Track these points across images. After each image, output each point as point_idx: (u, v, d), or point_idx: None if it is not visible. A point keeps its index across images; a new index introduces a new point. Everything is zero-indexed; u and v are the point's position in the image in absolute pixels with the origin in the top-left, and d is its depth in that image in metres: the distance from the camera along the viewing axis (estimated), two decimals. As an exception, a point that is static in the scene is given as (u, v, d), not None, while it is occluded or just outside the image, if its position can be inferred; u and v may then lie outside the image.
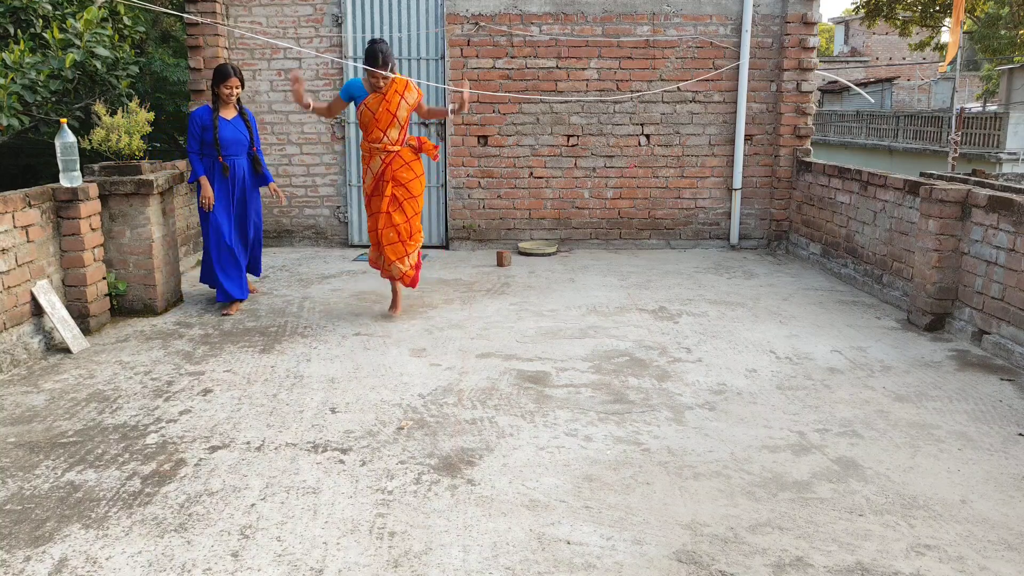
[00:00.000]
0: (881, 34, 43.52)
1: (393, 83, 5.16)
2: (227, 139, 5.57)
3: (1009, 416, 3.85)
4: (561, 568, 2.58)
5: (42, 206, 4.82)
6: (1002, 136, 22.45)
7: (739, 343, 4.99)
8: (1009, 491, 3.12)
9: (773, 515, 2.92)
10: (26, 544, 2.71)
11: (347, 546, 2.70)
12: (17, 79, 6.50)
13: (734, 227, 8.16)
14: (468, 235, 8.15)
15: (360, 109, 5.20)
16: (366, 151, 5.29)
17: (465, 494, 3.06)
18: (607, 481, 3.17)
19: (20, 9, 7.14)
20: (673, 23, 7.82)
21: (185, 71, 8.36)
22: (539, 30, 7.81)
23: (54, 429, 3.65)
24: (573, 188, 8.09)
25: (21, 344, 4.57)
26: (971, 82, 39.46)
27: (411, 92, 5.24)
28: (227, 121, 5.59)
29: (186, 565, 2.59)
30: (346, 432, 3.62)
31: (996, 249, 4.78)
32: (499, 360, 4.65)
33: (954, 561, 2.64)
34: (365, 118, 5.19)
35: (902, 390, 4.19)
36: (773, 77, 7.96)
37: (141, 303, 5.53)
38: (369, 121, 5.18)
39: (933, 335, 5.18)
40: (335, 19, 7.80)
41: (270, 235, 8.21)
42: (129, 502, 2.99)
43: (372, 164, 5.29)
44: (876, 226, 6.32)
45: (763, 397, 4.09)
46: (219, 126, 5.53)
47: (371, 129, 5.19)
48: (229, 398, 4.05)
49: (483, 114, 7.93)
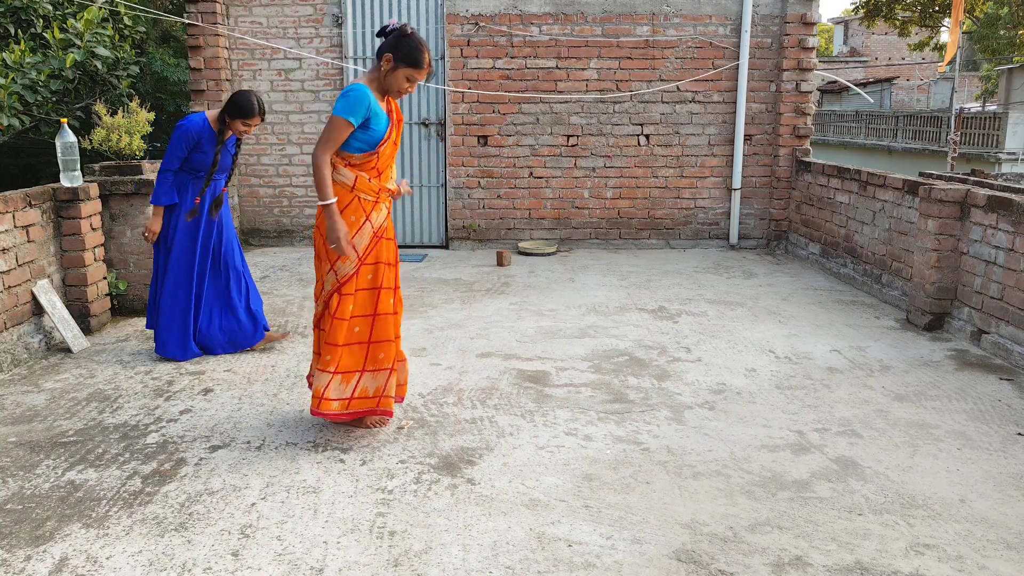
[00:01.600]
0: (880, 34, 43.53)
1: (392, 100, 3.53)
2: (224, 165, 4.61)
3: (1008, 415, 3.86)
4: (561, 567, 2.58)
5: (43, 206, 4.82)
6: (1001, 136, 22.45)
7: (738, 343, 5.00)
8: (1008, 490, 3.12)
9: (772, 514, 2.92)
10: (27, 543, 2.71)
11: (347, 545, 2.71)
12: (18, 79, 6.51)
13: (733, 227, 8.17)
14: (468, 235, 8.16)
15: (384, 137, 3.39)
16: (369, 200, 3.42)
17: (465, 493, 3.07)
18: (607, 480, 3.17)
19: (21, 9, 7.15)
20: (672, 23, 7.83)
21: (185, 71, 8.37)
22: (539, 30, 7.82)
23: (55, 428, 3.66)
24: (573, 188, 8.09)
25: (22, 344, 4.57)
26: (970, 82, 39.47)
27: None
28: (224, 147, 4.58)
29: (186, 564, 2.59)
30: (346, 431, 3.63)
31: (995, 249, 4.79)
32: (499, 360, 4.65)
33: (953, 560, 2.65)
34: (387, 152, 3.42)
35: (901, 390, 4.20)
36: (772, 77, 7.96)
37: (142, 303, 5.53)
38: (390, 155, 3.46)
39: (932, 335, 5.18)
40: (335, 19, 7.81)
41: (270, 235, 8.22)
42: (130, 501, 2.99)
43: (376, 217, 3.45)
44: (875, 226, 6.33)
45: (762, 397, 4.10)
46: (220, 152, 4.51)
47: (388, 166, 3.49)
48: (229, 397, 4.05)
49: (483, 114, 7.94)
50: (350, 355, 3.46)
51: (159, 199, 4.47)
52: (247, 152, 8.05)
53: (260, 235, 8.23)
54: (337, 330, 3.42)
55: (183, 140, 4.40)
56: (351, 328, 3.46)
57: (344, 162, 3.37)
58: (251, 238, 8.24)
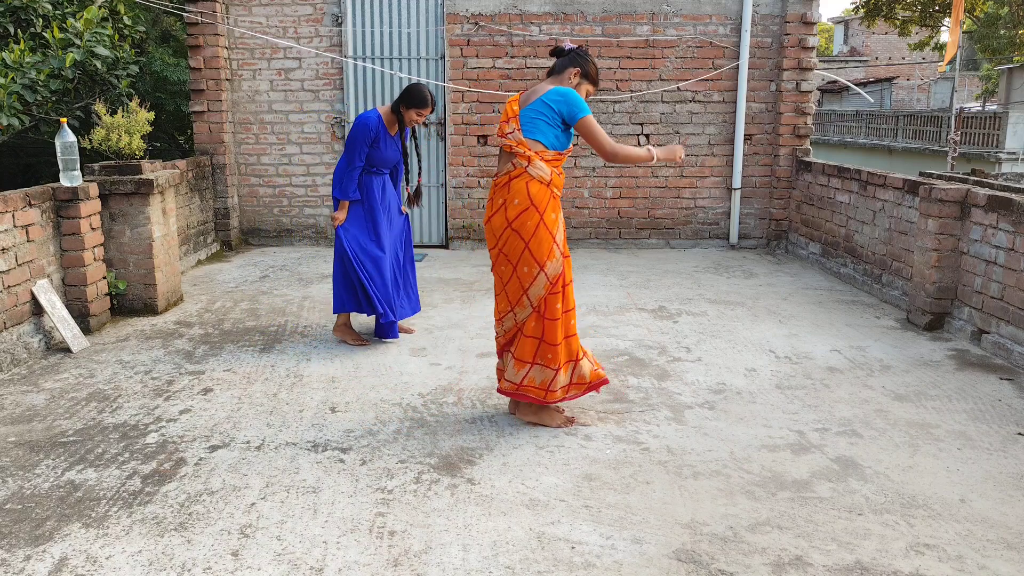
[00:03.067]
0: (880, 34, 43.51)
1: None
2: (387, 159, 4.83)
3: (1008, 415, 3.86)
4: (561, 567, 2.58)
5: (42, 205, 4.82)
6: (1001, 136, 22.45)
7: (738, 342, 4.99)
8: (1008, 490, 3.12)
9: (772, 514, 2.92)
10: (26, 543, 2.71)
11: (347, 545, 2.70)
12: (17, 78, 6.50)
13: (733, 227, 8.16)
14: (468, 234, 8.16)
15: (575, 136, 3.67)
16: (558, 196, 3.64)
17: (465, 493, 3.06)
18: (607, 480, 3.17)
19: (20, 8, 7.14)
20: (673, 23, 7.82)
21: (185, 71, 8.35)
22: (539, 30, 7.82)
23: (54, 428, 3.65)
24: (573, 188, 8.09)
25: (21, 343, 4.57)
26: (970, 82, 39.46)
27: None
28: (391, 138, 4.81)
29: (186, 564, 2.59)
30: (346, 431, 3.63)
31: (995, 248, 4.79)
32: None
33: (953, 560, 2.64)
34: (567, 151, 3.68)
35: (901, 389, 4.20)
36: (772, 77, 7.96)
37: (141, 302, 5.53)
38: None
39: (932, 334, 5.18)
40: (335, 18, 7.80)
41: (270, 234, 8.22)
42: (129, 501, 2.99)
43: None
44: (875, 226, 6.33)
45: (762, 396, 4.09)
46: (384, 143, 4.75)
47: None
48: (229, 397, 4.05)
49: (483, 114, 7.93)
50: (567, 348, 3.60)
51: (346, 194, 4.77)
52: (246, 152, 8.05)
53: (260, 235, 8.22)
54: (554, 330, 3.53)
55: (362, 136, 4.66)
56: (565, 323, 3.57)
57: (540, 156, 3.50)
58: (251, 238, 8.24)
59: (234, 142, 8.03)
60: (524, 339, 3.57)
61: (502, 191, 3.55)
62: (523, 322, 3.56)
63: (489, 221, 3.61)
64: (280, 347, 4.87)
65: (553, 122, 3.49)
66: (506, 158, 3.59)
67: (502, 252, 3.55)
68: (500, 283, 3.60)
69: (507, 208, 3.51)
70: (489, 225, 3.61)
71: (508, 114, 3.59)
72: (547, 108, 3.49)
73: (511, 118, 3.56)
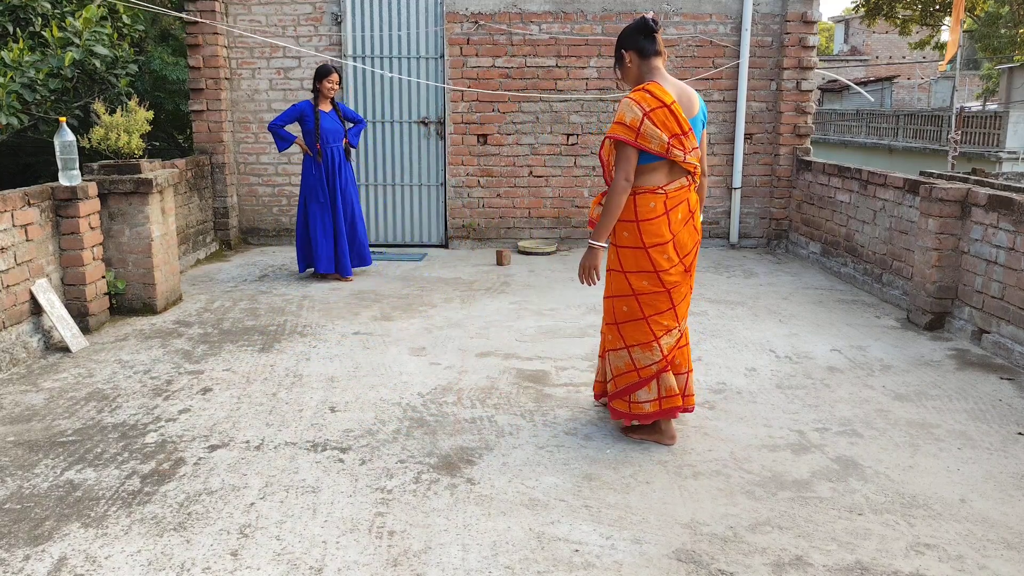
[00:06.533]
0: (881, 33, 43.49)
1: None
2: (325, 129, 6.29)
3: (1009, 415, 3.85)
4: (560, 567, 2.58)
5: (41, 205, 4.81)
6: (1002, 135, 22.45)
7: (739, 342, 4.99)
8: (1009, 490, 3.12)
9: (773, 514, 2.92)
10: (25, 543, 2.71)
11: (346, 545, 2.70)
12: (16, 78, 6.49)
13: (734, 226, 8.16)
14: (468, 234, 8.15)
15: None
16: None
17: (464, 493, 3.06)
18: (606, 480, 3.17)
19: (19, 8, 7.13)
20: (673, 22, 7.81)
21: (184, 70, 8.34)
22: (539, 28, 7.81)
23: (53, 428, 3.65)
24: (573, 187, 8.08)
25: (20, 343, 4.57)
26: (971, 81, 39.44)
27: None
28: (325, 113, 6.32)
29: (185, 564, 2.58)
30: (345, 431, 3.62)
31: (996, 248, 4.78)
32: (499, 359, 4.64)
33: (953, 560, 2.64)
34: None
35: (902, 389, 4.19)
36: (773, 76, 7.95)
37: (140, 302, 5.52)
38: None
39: (933, 334, 5.18)
40: (335, 18, 7.79)
41: (269, 234, 8.21)
42: (128, 501, 2.98)
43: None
44: (876, 225, 6.32)
45: (763, 396, 4.09)
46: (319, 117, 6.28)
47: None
48: (228, 397, 4.04)
49: (482, 113, 7.92)
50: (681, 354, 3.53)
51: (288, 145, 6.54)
52: (246, 151, 8.05)
53: (259, 234, 8.22)
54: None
55: (290, 111, 6.38)
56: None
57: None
58: (250, 237, 8.23)
59: (233, 141, 8.02)
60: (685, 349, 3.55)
61: (685, 203, 3.46)
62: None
63: (687, 227, 3.43)
64: (279, 347, 4.87)
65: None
66: (678, 170, 3.44)
67: (691, 267, 3.43)
68: (686, 293, 3.45)
69: (695, 218, 3.47)
70: (689, 230, 3.44)
71: (684, 126, 3.27)
72: (700, 126, 3.45)
73: (689, 131, 3.30)
